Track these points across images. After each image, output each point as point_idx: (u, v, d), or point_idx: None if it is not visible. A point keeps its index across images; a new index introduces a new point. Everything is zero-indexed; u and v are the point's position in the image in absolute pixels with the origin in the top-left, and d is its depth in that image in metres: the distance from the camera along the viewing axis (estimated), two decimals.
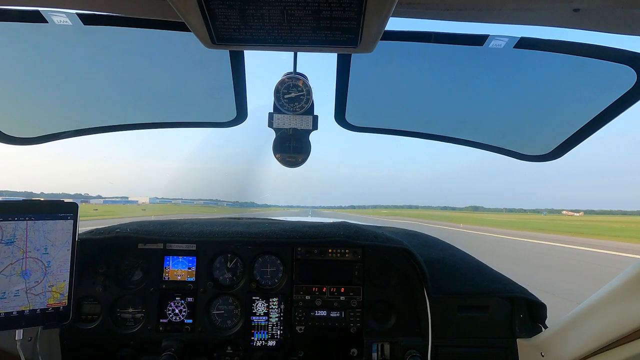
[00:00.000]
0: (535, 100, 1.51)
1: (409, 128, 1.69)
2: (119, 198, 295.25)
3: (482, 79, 1.47)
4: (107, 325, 1.78)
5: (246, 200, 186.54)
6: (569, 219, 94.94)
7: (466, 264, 1.93)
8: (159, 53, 1.41)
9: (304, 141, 1.35)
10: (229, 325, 1.85)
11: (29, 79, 1.47)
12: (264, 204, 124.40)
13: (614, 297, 1.25)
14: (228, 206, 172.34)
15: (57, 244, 1.26)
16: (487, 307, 1.81)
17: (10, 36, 1.24)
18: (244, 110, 1.54)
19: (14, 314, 1.18)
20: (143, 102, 1.66)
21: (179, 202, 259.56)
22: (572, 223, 55.62)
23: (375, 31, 0.82)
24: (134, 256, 1.87)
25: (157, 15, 0.96)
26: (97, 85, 1.54)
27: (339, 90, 1.42)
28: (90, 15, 1.12)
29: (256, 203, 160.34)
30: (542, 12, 0.88)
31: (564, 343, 1.46)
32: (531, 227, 40.36)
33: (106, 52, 1.38)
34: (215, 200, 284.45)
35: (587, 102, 1.38)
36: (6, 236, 1.19)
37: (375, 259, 1.91)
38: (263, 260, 1.91)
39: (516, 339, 1.77)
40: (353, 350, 1.86)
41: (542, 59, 1.28)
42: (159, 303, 1.82)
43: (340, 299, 1.86)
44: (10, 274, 1.18)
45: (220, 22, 0.80)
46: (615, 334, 1.21)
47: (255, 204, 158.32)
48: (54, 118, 1.64)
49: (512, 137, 1.66)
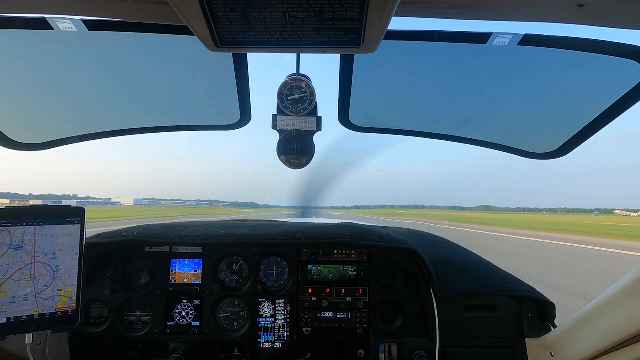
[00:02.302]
0: (541, 97, 1.50)
1: (413, 128, 1.69)
2: (102, 200, 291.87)
3: (486, 77, 1.46)
4: (115, 329, 1.79)
5: (246, 201, 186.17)
6: (625, 220, 75.26)
7: (473, 263, 1.92)
8: (163, 57, 1.41)
9: (308, 142, 1.35)
10: (236, 328, 1.85)
11: (35, 85, 1.49)
12: (265, 204, 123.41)
13: (624, 296, 1.23)
14: (224, 207, 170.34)
15: (65, 249, 1.27)
16: (495, 307, 1.80)
17: (18, 43, 1.26)
18: (247, 113, 1.55)
19: (23, 319, 1.19)
20: (148, 106, 1.68)
21: (169, 204, 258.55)
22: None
23: (378, 31, 0.82)
24: (141, 259, 1.88)
25: (161, 20, 0.97)
26: (102, 91, 1.55)
27: (342, 91, 1.42)
28: (95, 22, 1.13)
29: (257, 203, 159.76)
30: (546, 8, 0.87)
31: (574, 342, 1.44)
32: (589, 231, 28.95)
33: (111, 58, 1.39)
34: (209, 200, 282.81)
35: (593, 98, 1.37)
36: (15, 241, 1.20)
37: (381, 259, 1.91)
38: (269, 262, 1.91)
39: (525, 339, 1.76)
40: (360, 351, 1.85)
41: (547, 55, 1.26)
42: (166, 306, 1.83)
43: (347, 300, 1.86)
44: (20, 278, 1.20)
45: (223, 25, 0.80)
46: (626, 333, 1.20)
47: (256, 204, 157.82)
48: (60, 123, 1.66)
49: (518, 135, 1.65)
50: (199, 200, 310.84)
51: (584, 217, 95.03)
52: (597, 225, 43.16)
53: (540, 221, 55.25)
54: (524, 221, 53.04)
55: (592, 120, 1.37)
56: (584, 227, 37.10)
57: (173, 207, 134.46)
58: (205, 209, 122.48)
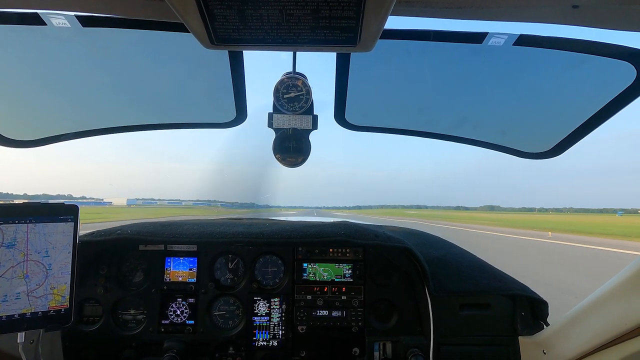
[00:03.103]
0: (535, 97, 1.51)
1: (409, 127, 1.69)
2: (93, 199, 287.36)
3: (482, 76, 1.46)
4: (109, 327, 1.78)
5: (245, 201, 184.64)
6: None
7: (467, 262, 1.93)
8: (158, 54, 1.40)
9: (304, 141, 1.35)
10: (231, 326, 1.85)
11: (28, 81, 1.47)
12: (265, 204, 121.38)
13: (616, 293, 1.24)
14: (222, 207, 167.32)
15: (57, 247, 1.26)
16: (489, 305, 1.81)
17: (10, 39, 1.24)
18: (243, 111, 1.54)
19: (15, 317, 1.18)
20: (142, 103, 1.66)
21: (165, 203, 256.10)
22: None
23: (375, 30, 0.82)
24: (135, 257, 1.87)
25: (156, 17, 0.96)
26: (96, 87, 1.54)
27: (338, 90, 1.42)
28: (88, 17, 1.12)
29: (257, 204, 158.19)
30: (541, 9, 0.88)
31: (566, 340, 1.46)
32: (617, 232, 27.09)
33: (105, 54, 1.38)
34: (207, 200, 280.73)
35: (587, 98, 1.38)
36: (7, 239, 1.19)
37: (377, 258, 1.91)
38: (264, 261, 1.91)
39: (518, 337, 1.77)
40: (355, 349, 1.86)
41: (542, 55, 1.27)
42: (160, 304, 1.82)
43: (342, 299, 1.86)
44: (12, 277, 1.18)
45: (219, 22, 0.80)
46: (618, 331, 1.21)
47: (256, 205, 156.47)
48: (53, 120, 1.64)
49: (512, 135, 1.66)
50: (198, 201, 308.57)
51: (607, 218, 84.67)
52: (631, 226, 38.68)
53: (570, 222, 48.43)
54: (552, 222, 45.66)
55: (585, 120, 1.38)
56: (619, 228, 33.29)
57: (168, 207, 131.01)
58: (202, 210, 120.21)
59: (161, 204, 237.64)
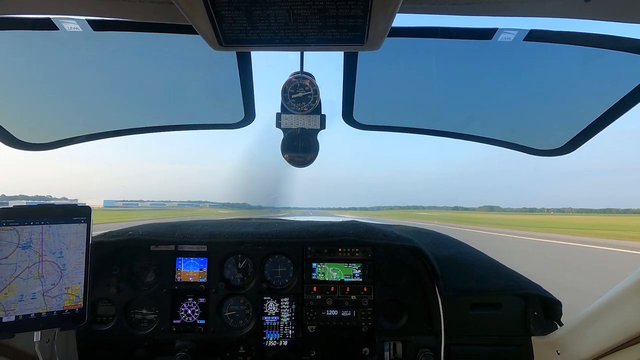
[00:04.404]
0: (546, 94, 1.48)
1: (417, 125, 1.68)
2: (67, 201, 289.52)
3: (491, 73, 1.45)
4: (122, 327, 1.81)
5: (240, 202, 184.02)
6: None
7: (478, 261, 1.91)
8: (167, 56, 1.42)
9: (312, 140, 1.35)
10: (241, 326, 1.86)
11: (41, 85, 1.50)
12: (271, 206, 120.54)
13: (631, 294, 1.21)
14: (210, 207, 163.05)
15: (71, 247, 1.28)
16: (501, 305, 1.79)
17: (24, 44, 1.27)
18: (251, 111, 1.55)
19: (31, 316, 1.21)
20: (152, 105, 1.69)
21: (147, 205, 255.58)
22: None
23: (382, 28, 0.82)
24: (147, 258, 1.89)
25: (165, 19, 0.97)
26: (106, 90, 1.56)
27: (346, 89, 1.42)
28: (99, 22, 1.14)
29: (262, 206, 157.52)
30: (552, 3, 0.86)
31: (580, 340, 1.43)
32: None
33: (116, 57, 1.40)
34: (194, 202, 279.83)
35: (600, 94, 1.35)
36: (23, 240, 1.21)
37: (386, 257, 1.90)
38: (273, 261, 1.92)
39: (531, 337, 1.75)
40: (365, 349, 1.85)
41: (553, 51, 1.25)
42: (171, 304, 1.84)
43: (351, 298, 1.86)
44: (27, 277, 1.21)
45: (227, 24, 0.81)
46: (633, 331, 1.18)
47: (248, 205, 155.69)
48: (66, 123, 1.67)
49: (523, 132, 1.63)
50: (181, 202, 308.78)
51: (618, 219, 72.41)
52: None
53: (597, 224, 40.16)
54: (574, 223, 40.37)
55: (599, 116, 1.35)
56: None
57: (151, 210, 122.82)
58: (188, 212, 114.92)
59: (143, 206, 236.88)
